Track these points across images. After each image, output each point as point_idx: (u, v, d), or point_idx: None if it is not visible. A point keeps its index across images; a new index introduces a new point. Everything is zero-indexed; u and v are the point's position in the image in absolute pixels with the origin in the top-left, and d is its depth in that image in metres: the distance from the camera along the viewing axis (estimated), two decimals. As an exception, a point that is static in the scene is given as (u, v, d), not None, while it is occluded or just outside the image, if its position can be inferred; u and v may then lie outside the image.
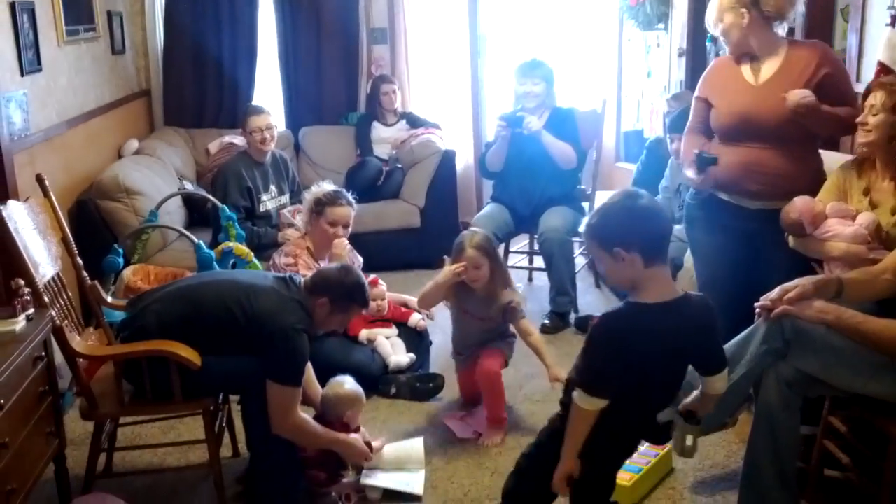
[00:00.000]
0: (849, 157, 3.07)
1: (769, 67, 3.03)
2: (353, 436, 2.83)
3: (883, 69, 3.22)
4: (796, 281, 2.47)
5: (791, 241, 2.91)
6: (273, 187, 4.52)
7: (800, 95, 2.87)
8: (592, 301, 4.62)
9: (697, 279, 3.36)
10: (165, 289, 2.78)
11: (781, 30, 3.08)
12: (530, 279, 4.99)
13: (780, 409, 2.41)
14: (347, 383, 2.95)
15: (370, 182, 5.17)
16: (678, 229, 3.96)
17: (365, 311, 2.94)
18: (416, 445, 3.05)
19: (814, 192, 2.91)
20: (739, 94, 3.06)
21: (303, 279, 2.77)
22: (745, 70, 3.08)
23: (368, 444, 2.88)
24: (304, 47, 5.69)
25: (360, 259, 3.75)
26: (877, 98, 2.66)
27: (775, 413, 2.42)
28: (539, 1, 5.96)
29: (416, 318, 3.73)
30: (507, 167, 4.39)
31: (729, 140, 3.10)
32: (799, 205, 2.84)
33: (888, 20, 3.31)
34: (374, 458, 2.88)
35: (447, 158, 5.27)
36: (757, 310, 2.47)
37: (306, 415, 2.71)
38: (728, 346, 2.51)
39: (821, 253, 2.80)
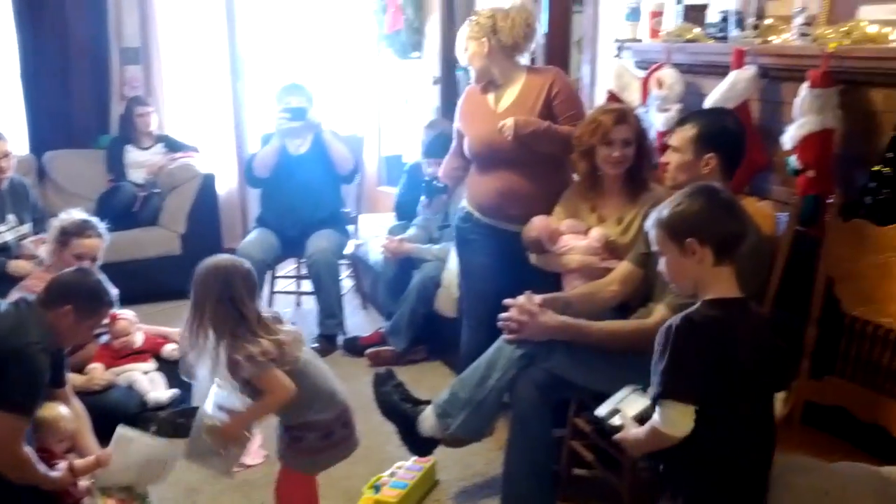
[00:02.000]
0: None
1: (509, 95, 3.22)
2: (54, 474, 2.50)
3: (612, 97, 3.55)
4: (521, 299, 2.59)
5: (533, 257, 3.12)
6: (11, 217, 4.17)
7: (510, 123, 3.06)
8: (360, 322, 4.67)
9: (467, 295, 3.50)
10: None
11: (523, 59, 3.29)
12: (298, 304, 4.96)
13: (533, 413, 2.55)
14: (58, 408, 2.63)
15: (124, 208, 4.92)
16: (437, 249, 4.14)
17: (113, 309, 2.79)
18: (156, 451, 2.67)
19: None
20: (484, 122, 3.22)
21: (34, 296, 2.54)
22: (490, 98, 3.27)
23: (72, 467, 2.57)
24: (48, 66, 5.31)
25: (115, 290, 3.54)
26: (626, 131, 2.86)
27: (528, 416, 2.56)
28: (298, 25, 5.97)
29: (168, 349, 3.57)
30: (276, 189, 4.39)
31: (482, 167, 3.28)
32: (537, 223, 3.06)
33: (615, 52, 3.66)
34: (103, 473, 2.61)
35: (208, 182, 5.14)
36: (500, 324, 2.61)
37: (30, 448, 2.44)
38: (486, 355, 2.65)
39: (560, 266, 3.03)
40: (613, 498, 2.73)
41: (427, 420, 2.68)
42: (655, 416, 1.81)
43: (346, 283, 4.83)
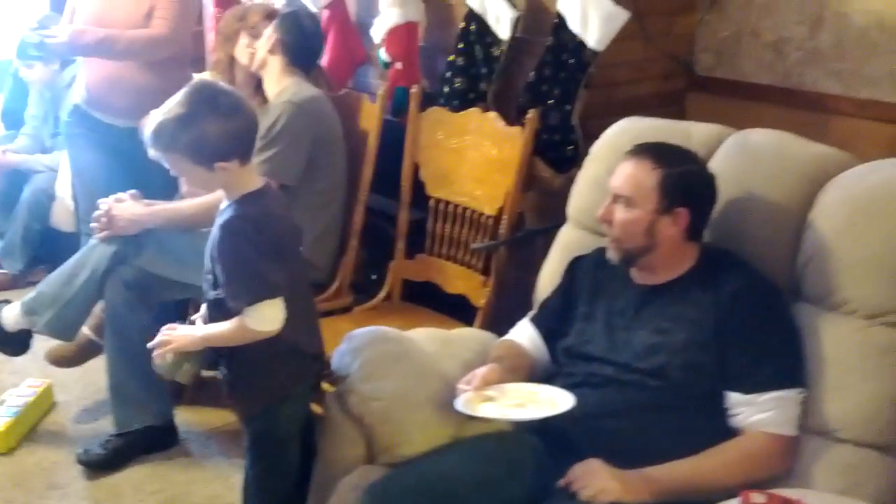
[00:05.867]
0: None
1: None
2: None
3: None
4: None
5: (151, 152, 2.99)
6: None
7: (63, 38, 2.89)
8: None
9: (80, 199, 3.27)
10: None
11: None
12: None
13: (126, 312, 2.50)
14: None
15: None
16: (49, 158, 3.84)
17: None
18: None
19: None
20: (93, 2, 3.00)
21: None
22: None
23: None
24: None
25: None
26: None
27: (122, 316, 2.51)
28: None
29: None
30: None
31: None
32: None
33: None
34: None
35: None
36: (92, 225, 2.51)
37: None
38: (77, 254, 2.54)
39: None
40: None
41: (10, 317, 2.53)
42: (245, 319, 1.75)
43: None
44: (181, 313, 2.91)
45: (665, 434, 1.65)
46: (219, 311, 1.82)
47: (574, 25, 2.24)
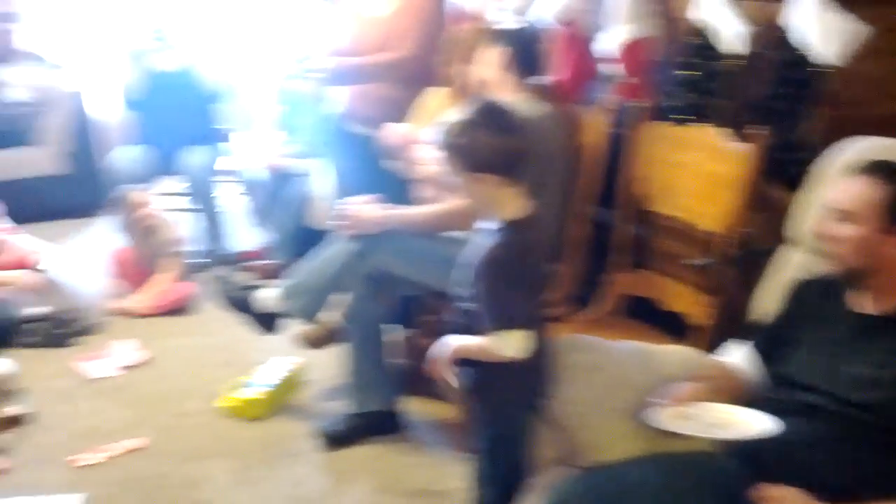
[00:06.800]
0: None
1: (388, 4, 3.28)
2: None
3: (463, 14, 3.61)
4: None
5: (393, 162, 3.24)
6: None
7: None
8: (252, 239, 4.70)
9: (338, 200, 3.62)
10: None
11: None
12: (184, 221, 5.00)
13: (366, 304, 2.71)
14: None
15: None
16: (313, 164, 4.23)
17: None
18: None
19: None
20: (348, 29, 3.32)
21: None
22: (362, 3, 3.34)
23: None
24: None
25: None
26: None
27: (361, 307, 2.72)
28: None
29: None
30: (151, 104, 4.43)
31: None
32: (394, 129, 3.16)
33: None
34: None
35: (79, 100, 5.14)
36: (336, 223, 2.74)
37: None
38: (328, 248, 2.76)
39: (415, 174, 3.16)
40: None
41: (267, 299, 2.82)
42: (494, 340, 1.84)
43: (234, 199, 4.87)
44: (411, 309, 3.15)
45: (869, 472, 1.58)
46: (468, 322, 1.92)
47: (806, 40, 2.16)
